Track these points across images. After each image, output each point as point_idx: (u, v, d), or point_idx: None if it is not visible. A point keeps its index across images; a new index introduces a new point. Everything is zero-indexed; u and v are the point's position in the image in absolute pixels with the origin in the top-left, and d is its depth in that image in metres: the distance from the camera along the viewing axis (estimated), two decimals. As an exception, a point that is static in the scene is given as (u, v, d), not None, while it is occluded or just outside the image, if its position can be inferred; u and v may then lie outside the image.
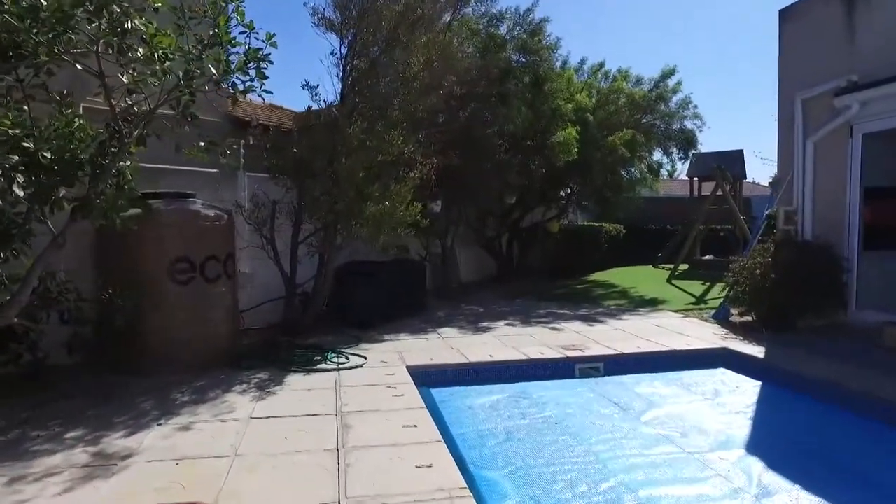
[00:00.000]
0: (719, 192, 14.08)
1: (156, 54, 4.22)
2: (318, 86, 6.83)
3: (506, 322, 8.64)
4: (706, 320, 8.69)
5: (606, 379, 6.17)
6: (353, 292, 8.31)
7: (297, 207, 6.81)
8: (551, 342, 7.09)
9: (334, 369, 5.77)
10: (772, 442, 4.52)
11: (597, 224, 16.51)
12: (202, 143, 4.99)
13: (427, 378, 5.88)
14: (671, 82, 13.62)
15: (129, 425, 4.15)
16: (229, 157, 5.33)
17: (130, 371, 5.48)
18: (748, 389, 5.79)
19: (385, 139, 6.73)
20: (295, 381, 5.40)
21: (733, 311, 8.73)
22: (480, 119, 9.96)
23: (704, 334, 7.58)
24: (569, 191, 13.87)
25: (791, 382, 5.75)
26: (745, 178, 16.67)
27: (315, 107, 6.65)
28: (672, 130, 13.45)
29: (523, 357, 6.31)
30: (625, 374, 6.30)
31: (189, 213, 5.78)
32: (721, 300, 9.29)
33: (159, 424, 4.18)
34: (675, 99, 13.43)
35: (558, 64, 12.96)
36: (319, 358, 6.14)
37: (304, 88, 6.72)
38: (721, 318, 8.63)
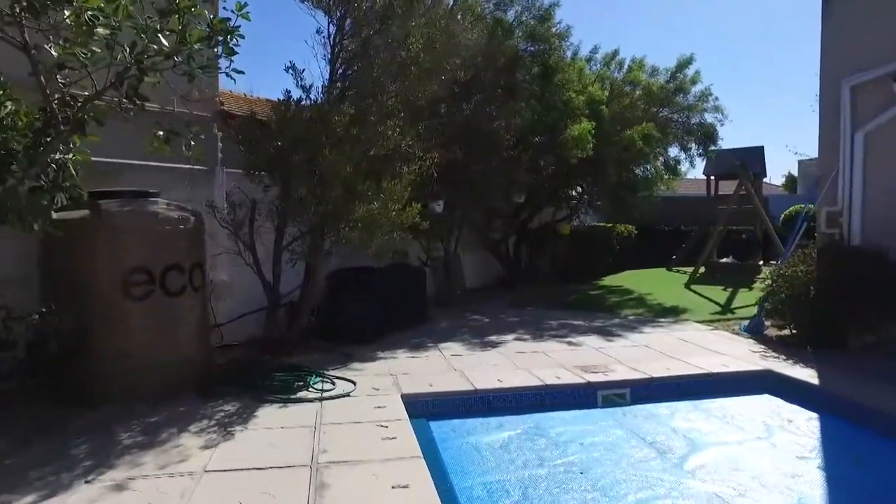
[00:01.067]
0: (742, 191, 13.14)
1: (85, 18, 3.38)
2: (303, 70, 5.97)
3: (515, 335, 7.78)
4: (737, 334, 7.81)
5: (635, 409, 5.30)
6: (344, 303, 7.47)
7: (280, 208, 5.95)
8: (568, 362, 6.23)
9: (317, 398, 4.91)
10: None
11: (608, 225, 15.62)
12: (160, 134, 4.19)
13: (426, 409, 5.03)
14: (689, 72, 12.69)
15: (48, 483, 3.31)
16: (194, 148, 4.49)
17: (75, 402, 4.64)
18: (803, 424, 4.91)
19: (378, 130, 5.88)
20: (268, 415, 4.55)
21: (766, 322, 7.85)
22: (486, 111, 9.08)
23: (740, 352, 6.70)
24: (580, 190, 12.98)
25: (854, 414, 4.88)
26: (766, 176, 15.74)
27: (297, 94, 5.79)
28: (691, 125, 12.54)
29: (538, 382, 5.44)
30: (656, 401, 5.44)
31: (147, 216, 4.93)
32: (753, 311, 8.41)
33: (87, 482, 3.33)
34: (693, 90, 12.51)
35: (568, 54, 12.08)
36: (301, 383, 5.29)
37: (287, 72, 5.87)
38: (754, 331, 7.75)
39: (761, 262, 15.57)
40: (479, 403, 5.18)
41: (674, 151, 13.38)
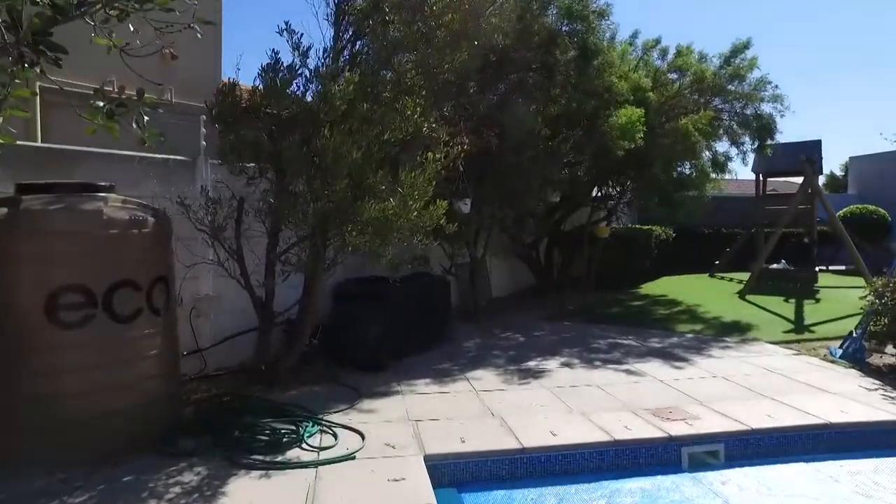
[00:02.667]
0: (808, 190, 11.63)
1: None
2: (300, 34, 4.71)
3: (559, 360, 6.45)
4: (832, 361, 6.40)
5: (735, 475, 3.97)
6: (353, 321, 6.21)
7: (272, 207, 4.70)
8: (634, 401, 4.90)
9: (311, 462, 3.65)
10: None
11: (646, 227, 14.18)
12: (101, 105, 2.99)
13: (457, 474, 3.76)
14: (745, 58, 11.24)
15: None
16: (149, 127, 3.28)
17: (-15, 467, 3.43)
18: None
19: (395, 108, 4.62)
20: (242, 490, 3.29)
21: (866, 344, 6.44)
22: (521, 93, 7.75)
23: (848, 388, 5.32)
24: (620, 188, 11.57)
25: None
26: (822, 172, 14.19)
27: (291, 59, 4.50)
28: (746, 116, 11.08)
29: (604, 436, 4.11)
30: (760, 462, 4.11)
31: (86, 217, 3.70)
32: (833, 328, 7.00)
33: None
34: (749, 78, 11.06)
35: (606, 36, 10.71)
36: (293, 436, 4.02)
37: (280, 35, 4.61)
38: (853, 358, 6.34)
39: (818, 269, 14.09)
40: (528, 467, 3.87)
41: (722, 147, 11.90)
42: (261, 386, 5.32)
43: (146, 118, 3.09)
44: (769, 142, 11.41)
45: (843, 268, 15.52)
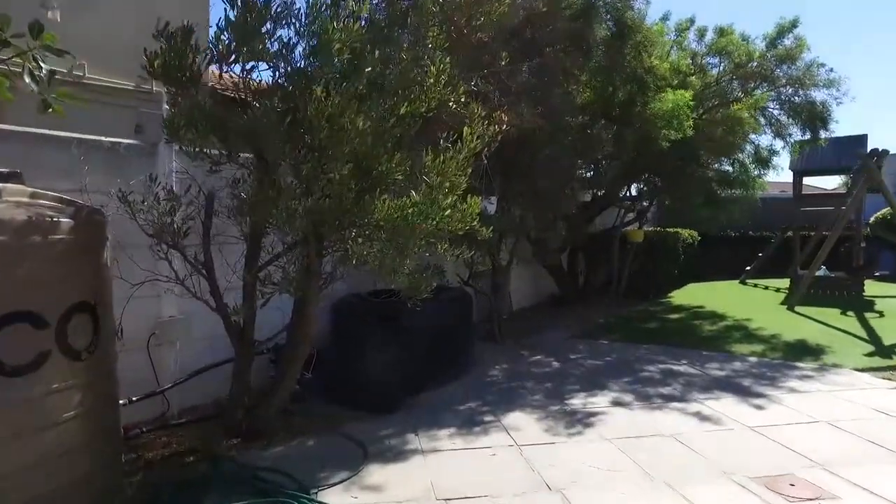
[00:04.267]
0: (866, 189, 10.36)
1: None
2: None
3: (610, 396, 5.22)
4: (950, 397, 5.17)
5: None
6: (359, 349, 4.99)
7: (249, 205, 3.46)
8: (727, 461, 3.69)
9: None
10: None
11: (673, 230, 12.96)
12: None
13: None
14: (788, 41, 10.00)
15: None
16: (43, 84, 2.14)
17: None
18: None
19: (416, 71, 3.40)
20: None
21: None
22: (556, 74, 6.51)
23: None
24: (654, 186, 10.30)
25: None
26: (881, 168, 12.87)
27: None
28: (795, 104, 9.83)
29: (719, 533, 2.88)
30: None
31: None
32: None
33: None
34: (800, 61, 9.82)
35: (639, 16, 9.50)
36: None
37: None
38: (974, 392, 5.13)
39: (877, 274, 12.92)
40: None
41: (766, 139, 10.66)
42: (239, 439, 4.09)
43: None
44: (824, 133, 10.14)
45: (878, 273, 14.33)
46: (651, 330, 8.42)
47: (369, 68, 3.22)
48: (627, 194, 10.18)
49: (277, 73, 2.99)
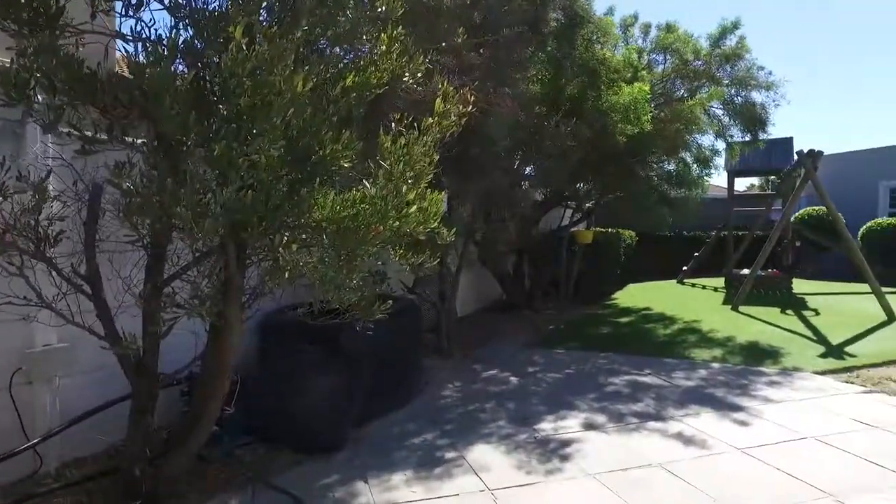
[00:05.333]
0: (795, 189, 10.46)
1: None
2: None
3: (581, 417, 4.66)
4: (921, 402, 4.99)
5: None
6: (292, 376, 4.16)
7: (136, 202, 2.57)
8: (728, 496, 3.18)
9: None
10: None
11: (615, 231, 12.78)
12: None
13: None
14: (731, 41, 9.99)
15: None
16: None
17: None
18: None
19: (363, 31, 2.67)
20: None
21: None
22: (511, 64, 5.90)
23: None
24: (603, 185, 9.94)
25: None
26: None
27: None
28: (736, 105, 9.81)
29: None
30: None
31: None
32: (864, 345, 5.65)
33: None
34: (740, 62, 9.80)
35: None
36: None
37: None
38: (944, 396, 4.97)
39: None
40: None
41: (707, 140, 10.60)
42: (138, 502, 3.19)
43: None
44: (763, 135, 10.18)
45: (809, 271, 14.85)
46: (606, 336, 8.02)
47: (305, 23, 2.44)
48: (576, 193, 9.78)
49: (178, 15, 2.15)
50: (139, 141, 2.23)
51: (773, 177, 21.50)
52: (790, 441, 4.12)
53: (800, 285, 12.31)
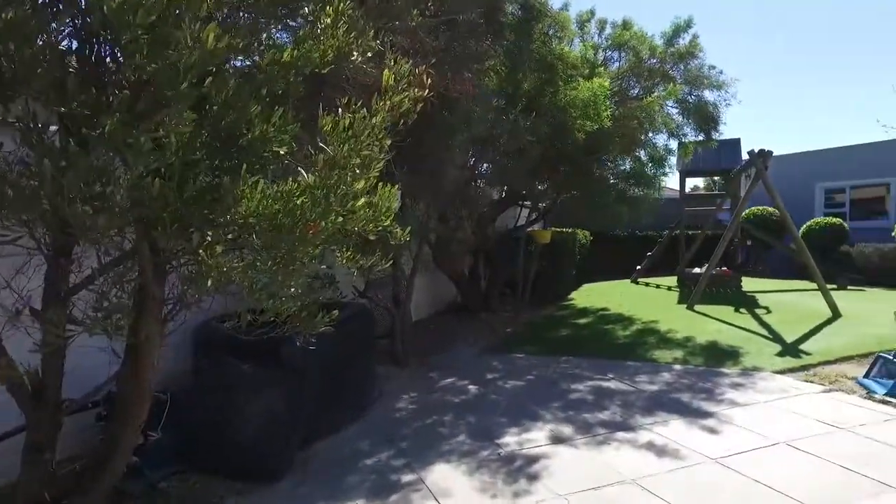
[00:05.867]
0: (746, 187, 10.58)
1: None
2: None
3: (546, 429, 4.37)
4: (884, 402, 4.94)
5: None
6: (229, 394, 3.70)
7: (7, 193, 2.08)
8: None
9: None
10: None
11: (571, 231, 12.68)
12: None
13: None
14: (684, 40, 10.02)
15: None
16: None
17: None
18: None
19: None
20: None
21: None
22: (469, 58, 5.57)
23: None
24: (562, 181, 9.74)
25: None
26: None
27: None
28: (689, 104, 9.82)
29: None
30: None
31: None
32: (822, 343, 5.64)
33: None
34: (693, 62, 9.82)
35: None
36: None
37: None
38: (905, 395, 4.96)
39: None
40: None
41: (661, 139, 10.59)
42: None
43: None
44: (716, 135, 10.25)
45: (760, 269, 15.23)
46: (565, 339, 7.81)
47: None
48: (533, 192, 9.54)
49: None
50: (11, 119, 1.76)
51: (717, 177, 22.11)
52: (762, 448, 3.94)
53: (749, 283, 12.54)
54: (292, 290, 2.38)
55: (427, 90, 3.00)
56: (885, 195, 16.18)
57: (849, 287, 12.44)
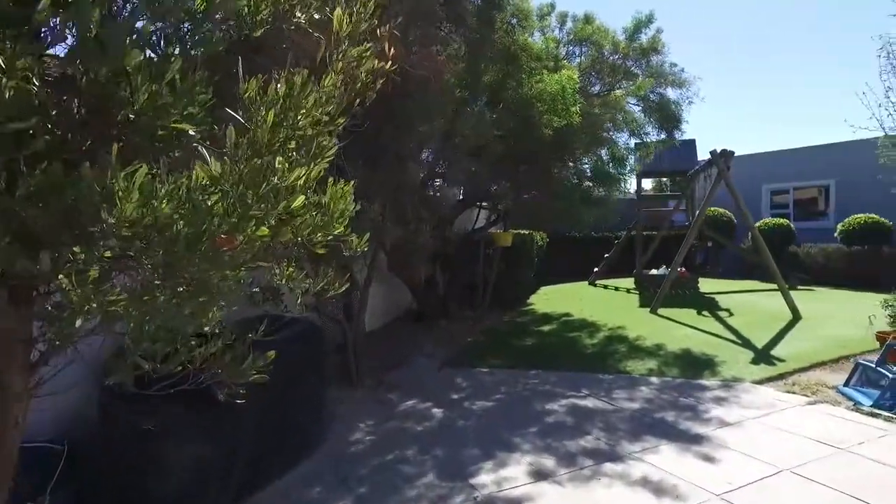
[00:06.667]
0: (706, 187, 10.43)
1: None
2: None
3: (524, 462, 3.81)
4: (873, 414, 4.65)
5: None
6: (145, 445, 2.95)
7: None
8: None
9: None
10: None
11: (529, 233, 12.25)
12: None
13: None
14: (645, 35, 9.74)
15: None
16: None
17: None
18: None
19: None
20: None
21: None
22: (426, 37, 4.96)
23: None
24: (525, 180, 9.25)
25: None
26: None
27: None
28: (651, 101, 9.55)
29: None
30: None
31: None
32: (789, 347, 5.37)
33: None
34: (654, 58, 9.56)
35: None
36: None
37: None
38: (888, 406, 4.69)
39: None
40: None
41: (621, 139, 10.28)
42: None
43: None
44: (678, 134, 10.02)
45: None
46: (531, 349, 7.31)
47: None
48: (495, 191, 9.02)
49: None
50: None
51: (665, 178, 22.31)
52: (767, 478, 3.52)
53: (705, 284, 12.48)
54: (208, 323, 1.71)
55: (390, 61, 2.39)
56: (817, 196, 16.65)
57: (799, 287, 12.55)
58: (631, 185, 11.38)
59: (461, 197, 8.25)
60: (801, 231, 14.97)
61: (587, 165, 9.85)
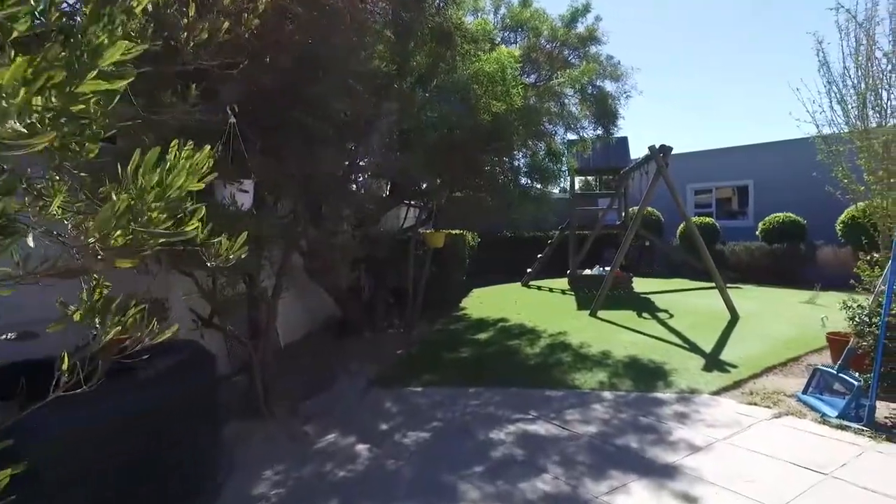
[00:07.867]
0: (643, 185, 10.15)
1: None
2: None
3: (472, 519, 3.06)
4: (841, 427, 4.25)
5: None
6: None
7: None
8: None
9: None
10: None
11: (460, 233, 11.57)
12: None
13: None
14: (582, 25, 9.28)
15: None
16: None
17: None
18: None
19: None
20: None
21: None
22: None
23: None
24: (457, 175, 8.51)
25: None
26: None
27: None
28: (588, 94, 9.08)
29: None
30: None
31: None
32: (736, 350, 5.00)
33: None
34: (591, 49, 9.11)
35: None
36: None
37: None
38: (854, 416, 4.33)
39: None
40: None
41: (557, 134, 9.76)
42: None
43: None
44: (614, 128, 9.63)
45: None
46: (468, 362, 6.58)
47: None
48: (425, 187, 8.21)
49: None
50: None
51: (591, 177, 22.40)
52: (759, 523, 2.95)
53: (640, 284, 12.31)
54: None
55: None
56: (738, 196, 17.13)
57: (728, 285, 12.61)
58: (565, 182, 10.90)
59: (386, 193, 7.39)
60: (725, 230, 15.24)
61: (523, 161, 9.28)
